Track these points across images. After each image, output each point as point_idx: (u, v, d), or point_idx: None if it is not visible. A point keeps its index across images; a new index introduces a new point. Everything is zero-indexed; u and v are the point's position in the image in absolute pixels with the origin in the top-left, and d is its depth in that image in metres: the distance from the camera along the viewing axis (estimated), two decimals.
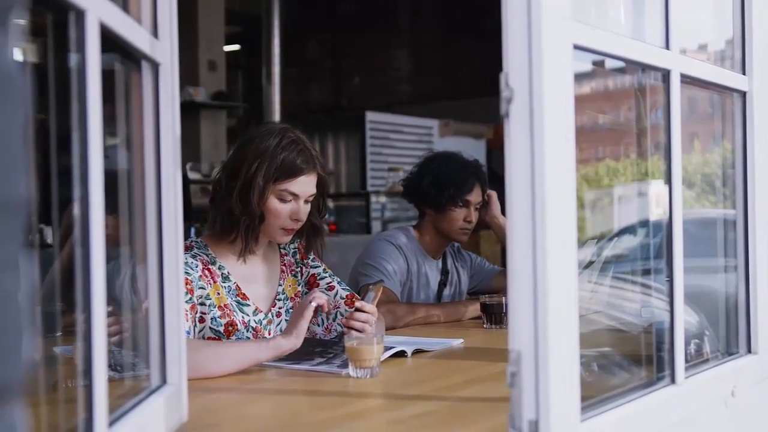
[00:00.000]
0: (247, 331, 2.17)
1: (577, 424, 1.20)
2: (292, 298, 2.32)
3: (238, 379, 1.83)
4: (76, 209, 0.97)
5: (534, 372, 1.13)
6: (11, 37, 0.57)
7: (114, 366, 1.33)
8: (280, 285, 2.30)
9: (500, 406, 1.51)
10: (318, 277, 2.36)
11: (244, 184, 2.11)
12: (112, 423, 1.06)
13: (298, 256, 2.38)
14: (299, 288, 2.35)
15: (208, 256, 2.18)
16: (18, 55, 0.59)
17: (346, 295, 2.33)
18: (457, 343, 2.31)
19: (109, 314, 1.03)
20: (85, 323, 0.98)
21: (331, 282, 2.36)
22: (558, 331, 1.14)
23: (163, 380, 1.34)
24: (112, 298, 1.13)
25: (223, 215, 2.16)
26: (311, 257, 2.39)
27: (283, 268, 2.34)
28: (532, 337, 1.14)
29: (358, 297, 2.31)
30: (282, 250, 2.36)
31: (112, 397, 1.05)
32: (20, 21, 0.60)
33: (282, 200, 2.15)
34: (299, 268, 2.37)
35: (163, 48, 1.33)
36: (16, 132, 0.56)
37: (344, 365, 1.88)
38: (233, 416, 1.57)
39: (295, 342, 1.90)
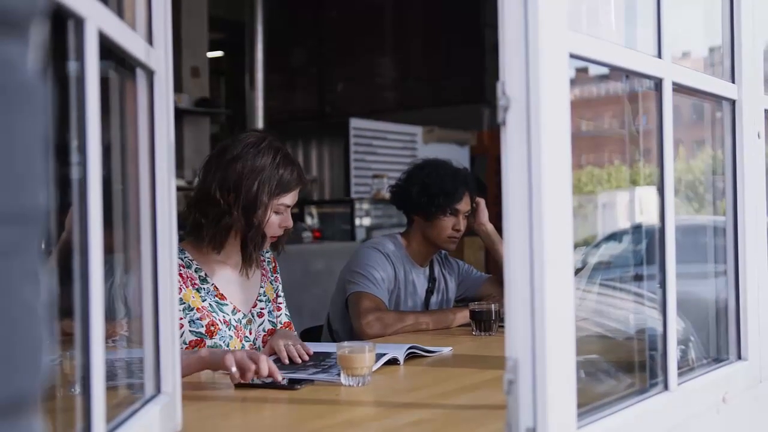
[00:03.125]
0: (229, 329, 2.21)
1: (574, 431, 1.20)
2: (273, 301, 2.40)
3: (231, 388, 1.82)
4: (75, 217, 0.96)
5: (531, 379, 1.14)
6: (31, 48, 0.57)
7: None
8: (261, 287, 2.37)
9: (495, 414, 1.51)
10: (278, 293, 2.46)
11: (247, 203, 2.18)
12: None
13: (271, 267, 2.46)
14: (275, 294, 2.43)
15: (183, 259, 2.20)
16: (38, 65, 0.59)
17: (285, 322, 2.43)
18: (447, 350, 2.31)
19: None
20: (82, 333, 0.97)
21: (281, 304, 2.46)
22: (555, 339, 1.14)
23: (158, 389, 1.33)
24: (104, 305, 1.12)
25: (222, 230, 2.20)
26: (278, 272, 2.48)
27: (263, 272, 2.41)
28: (530, 344, 1.14)
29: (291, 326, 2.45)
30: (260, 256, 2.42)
31: (107, 407, 1.04)
32: (40, 32, 0.60)
33: (277, 213, 2.24)
34: (273, 277, 2.46)
35: (158, 55, 1.32)
36: (36, 142, 0.56)
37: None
38: (226, 426, 1.56)
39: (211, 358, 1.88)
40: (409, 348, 2.16)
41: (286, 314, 2.46)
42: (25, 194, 0.55)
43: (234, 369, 1.76)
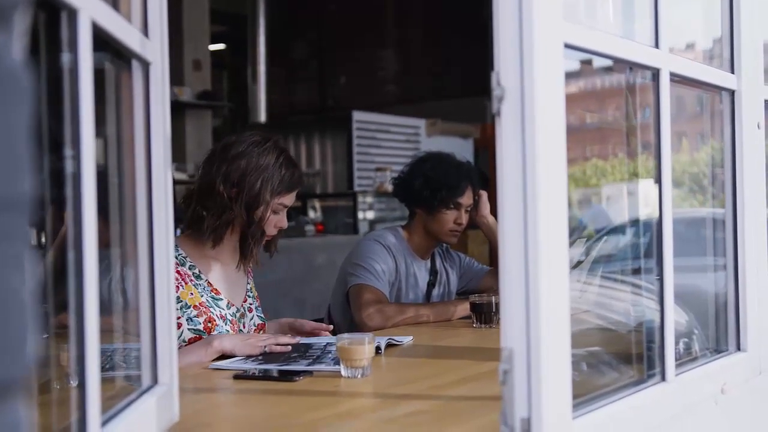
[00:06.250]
0: (225, 324, 2.23)
1: (569, 421, 1.20)
2: (257, 297, 2.44)
3: (229, 379, 1.83)
4: (69, 211, 0.96)
5: (526, 369, 1.14)
6: (15, 36, 0.58)
7: (103, 366, 1.33)
8: (248, 283, 2.41)
9: (491, 405, 1.51)
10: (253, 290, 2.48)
11: (249, 199, 2.20)
12: (104, 423, 1.06)
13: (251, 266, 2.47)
14: (256, 292, 2.46)
15: (177, 257, 2.21)
16: (22, 53, 0.59)
17: (259, 324, 2.41)
18: (408, 339, 2.32)
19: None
20: (77, 325, 0.98)
21: (258, 303, 2.46)
22: (550, 329, 1.14)
23: (155, 380, 1.33)
24: (101, 299, 1.12)
25: (223, 224, 2.22)
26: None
27: (249, 269, 2.43)
28: (525, 334, 1.14)
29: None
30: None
31: (103, 398, 1.04)
32: (24, 20, 0.60)
33: (275, 212, 2.26)
34: (253, 275, 2.48)
35: (154, 47, 1.32)
36: (20, 131, 0.56)
37: (338, 362, 1.87)
38: (224, 416, 1.57)
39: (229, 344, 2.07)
40: (388, 339, 2.21)
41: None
42: (10, 182, 0.55)
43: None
